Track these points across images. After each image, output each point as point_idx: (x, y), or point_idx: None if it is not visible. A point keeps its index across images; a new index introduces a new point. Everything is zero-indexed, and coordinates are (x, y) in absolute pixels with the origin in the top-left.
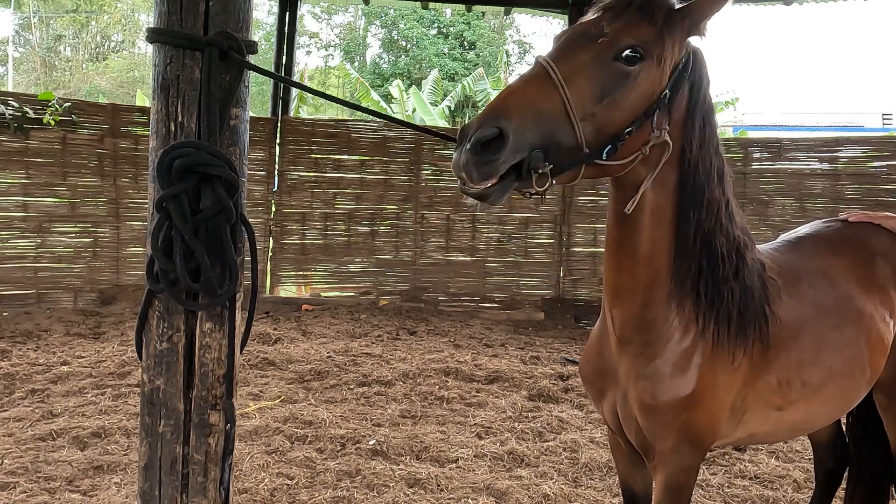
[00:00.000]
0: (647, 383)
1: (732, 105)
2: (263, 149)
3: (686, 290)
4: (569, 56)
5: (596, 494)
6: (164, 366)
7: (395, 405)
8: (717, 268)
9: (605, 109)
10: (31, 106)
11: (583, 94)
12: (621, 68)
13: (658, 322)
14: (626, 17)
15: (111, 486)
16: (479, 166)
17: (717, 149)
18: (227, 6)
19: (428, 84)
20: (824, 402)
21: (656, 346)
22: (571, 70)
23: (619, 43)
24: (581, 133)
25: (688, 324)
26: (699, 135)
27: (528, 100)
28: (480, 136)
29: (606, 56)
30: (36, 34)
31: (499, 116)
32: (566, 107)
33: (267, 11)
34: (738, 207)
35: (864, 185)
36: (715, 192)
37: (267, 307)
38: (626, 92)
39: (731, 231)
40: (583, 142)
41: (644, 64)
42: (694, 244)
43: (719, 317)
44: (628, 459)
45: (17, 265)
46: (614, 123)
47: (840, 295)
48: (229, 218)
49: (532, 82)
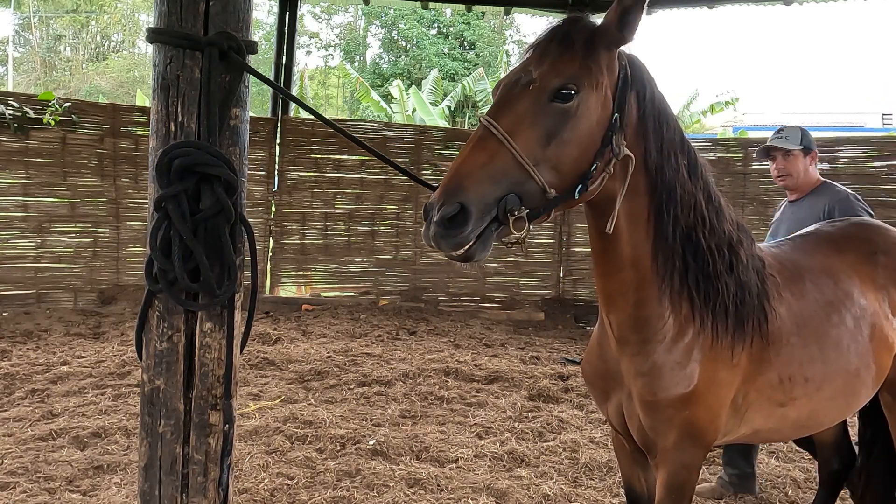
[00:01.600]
0: (646, 380)
1: (732, 105)
2: (263, 149)
3: (676, 287)
4: (508, 109)
5: (596, 494)
6: (164, 366)
7: (395, 405)
8: (707, 262)
9: (556, 149)
10: (31, 106)
11: (529, 141)
12: (559, 108)
13: (653, 320)
14: (550, 57)
15: (111, 486)
16: (449, 240)
17: (681, 144)
18: (227, 6)
19: (428, 84)
20: (829, 399)
21: (653, 342)
22: (513, 122)
23: (549, 85)
24: (539, 178)
25: (684, 320)
26: (656, 138)
27: (480, 164)
28: (444, 214)
29: (542, 100)
30: (36, 34)
31: (456, 192)
32: (517, 158)
33: (267, 11)
34: (727, 204)
35: (864, 185)
36: (687, 186)
37: (267, 307)
38: (572, 127)
39: (718, 225)
40: (544, 185)
41: (580, 96)
42: (674, 241)
43: (715, 311)
44: (632, 460)
45: (17, 265)
46: (571, 159)
47: (843, 292)
48: (228, 218)
49: (479, 146)
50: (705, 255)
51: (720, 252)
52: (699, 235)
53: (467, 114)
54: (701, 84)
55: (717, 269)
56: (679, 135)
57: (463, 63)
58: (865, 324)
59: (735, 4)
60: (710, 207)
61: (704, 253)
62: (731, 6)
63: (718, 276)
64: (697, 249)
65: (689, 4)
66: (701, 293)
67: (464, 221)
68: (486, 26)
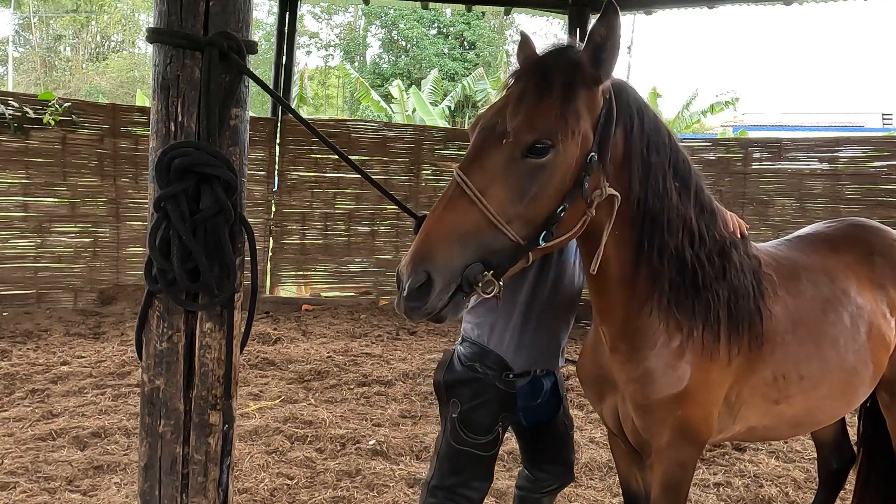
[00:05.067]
0: (637, 386)
1: (732, 105)
2: (263, 149)
3: (664, 304)
4: (480, 164)
5: (596, 494)
6: (164, 366)
7: (395, 405)
8: (696, 275)
9: (529, 205)
10: (31, 106)
11: (502, 200)
12: (533, 163)
13: (643, 331)
14: (525, 105)
15: (111, 486)
16: (416, 311)
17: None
18: (227, 6)
19: (428, 84)
20: (826, 397)
21: (644, 350)
22: (485, 180)
23: (523, 142)
24: (512, 233)
25: (675, 329)
26: (643, 169)
27: (450, 228)
28: (412, 286)
29: (515, 156)
30: (36, 34)
31: (423, 260)
32: (489, 217)
33: (267, 11)
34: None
35: (864, 185)
36: (676, 210)
37: (267, 307)
38: (545, 181)
39: (710, 233)
40: (518, 240)
41: (556, 149)
42: (661, 263)
43: (707, 320)
44: (628, 460)
45: (17, 265)
46: (543, 212)
47: (840, 290)
48: (228, 218)
49: (450, 206)
50: (694, 268)
51: (710, 261)
52: (686, 252)
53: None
54: (701, 84)
55: (706, 280)
56: (670, 155)
57: (463, 63)
58: (863, 322)
59: (735, 4)
60: (702, 218)
61: (694, 267)
62: (731, 6)
63: (708, 286)
64: (685, 265)
65: (689, 4)
66: (691, 305)
67: (428, 291)
68: (486, 26)
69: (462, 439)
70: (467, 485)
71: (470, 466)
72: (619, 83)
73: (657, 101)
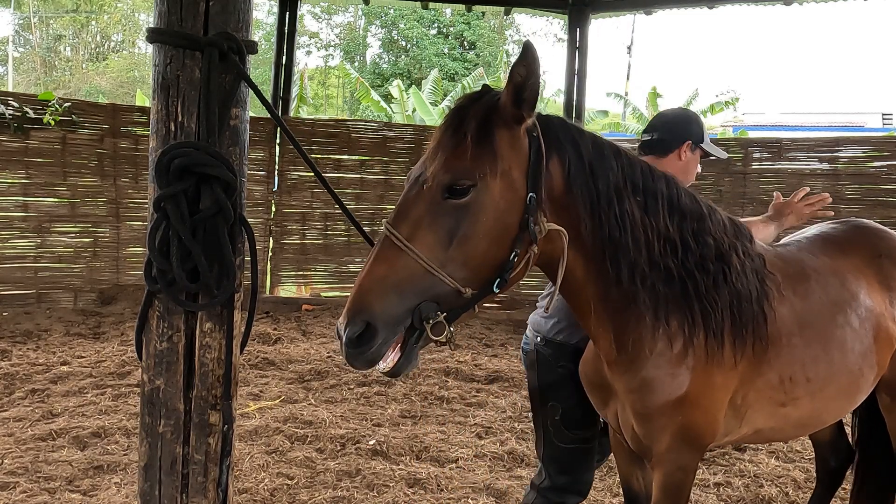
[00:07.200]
0: (636, 396)
1: (732, 105)
2: (263, 149)
3: (654, 317)
4: (405, 214)
5: (596, 494)
6: (164, 366)
7: (395, 405)
8: (686, 285)
9: (460, 247)
10: (31, 106)
11: (430, 244)
12: (454, 204)
13: (637, 342)
14: (441, 150)
15: (111, 486)
16: (360, 358)
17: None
18: (227, 6)
19: (428, 84)
20: (832, 398)
21: (641, 360)
22: (412, 227)
23: (441, 184)
24: (450, 279)
25: (671, 338)
26: (588, 198)
27: (383, 277)
28: (350, 335)
29: (437, 199)
30: (36, 34)
31: (361, 310)
32: (422, 264)
33: (267, 11)
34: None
35: (864, 185)
36: (640, 229)
37: (267, 307)
38: (473, 220)
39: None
40: (457, 285)
41: (476, 189)
42: (634, 284)
43: (707, 326)
44: (630, 459)
45: (17, 265)
46: (480, 253)
47: (849, 293)
48: (227, 218)
49: (381, 257)
50: (682, 279)
51: (703, 268)
52: (669, 263)
53: None
54: (701, 84)
55: (699, 288)
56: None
57: (463, 63)
58: (871, 324)
59: (735, 4)
60: (686, 225)
61: (681, 277)
62: (731, 6)
63: (703, 293)
64: (671, 278)
65: (689, 4)
66: (687, 315)
67: (371, 337)
68: (486, 26)
69: (567, 437)
70: (579, 479)
71: (577, 462)
72: (545, 119)
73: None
